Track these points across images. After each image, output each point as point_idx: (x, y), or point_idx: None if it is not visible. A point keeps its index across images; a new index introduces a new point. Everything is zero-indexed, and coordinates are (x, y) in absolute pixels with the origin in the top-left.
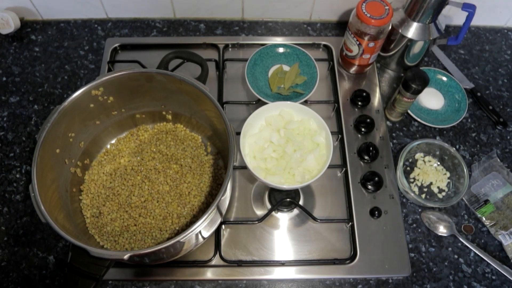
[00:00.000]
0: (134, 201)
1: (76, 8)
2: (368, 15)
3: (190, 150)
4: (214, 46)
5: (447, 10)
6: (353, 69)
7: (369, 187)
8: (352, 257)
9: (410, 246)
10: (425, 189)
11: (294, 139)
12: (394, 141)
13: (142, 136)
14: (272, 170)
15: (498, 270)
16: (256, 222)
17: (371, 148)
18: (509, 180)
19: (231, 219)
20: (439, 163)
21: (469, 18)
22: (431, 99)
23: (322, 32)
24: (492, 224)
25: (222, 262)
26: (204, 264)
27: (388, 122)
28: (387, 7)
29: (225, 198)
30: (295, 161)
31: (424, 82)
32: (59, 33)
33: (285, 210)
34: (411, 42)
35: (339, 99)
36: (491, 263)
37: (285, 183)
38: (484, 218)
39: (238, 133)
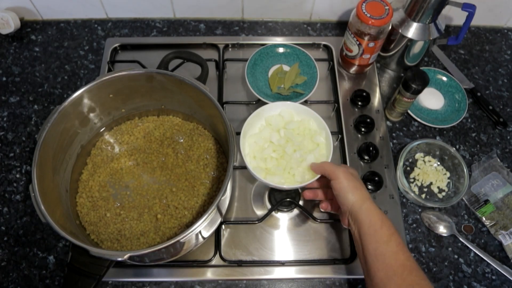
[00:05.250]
0: (134, 201)
1: (76, 8)
2: (368, 15)
3: (191, 149)
4: (214, 46)
5: (447, 10)
6: (353, 69)
7: (369, 187)
8: (352, 257)
9: (410, 246)
10: (425, 189)
11: (294, 139)
12: (394, 141)
13: (139, 135)
14: (272, 170)
15: (498, 270)
16: (256, 222)
17: (371, 148)
18: (509, 180)
19: (231, 219)
20: (439, 163)
21: (469, 18)
22: (431, 99)
23: (322, 32)
24: (492, 224)
25: (222, 262)
26: (204, 264)
27: (388, 122)
28: (387, 7)
29: (225, 198)
30: (295, 161)
31: (424, 82)
32: (59, 33)
33: (285, 210)
34: (411, 42)
35: (339, 99)
36: (491, 263)
37: (285, 183)
38: (484, 218)
39: (238, 133)
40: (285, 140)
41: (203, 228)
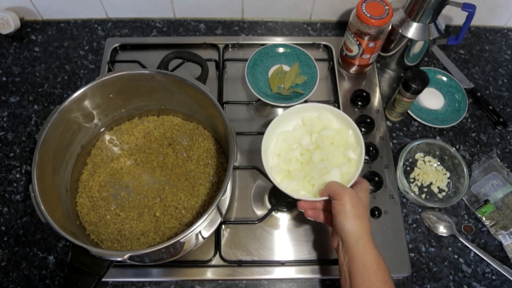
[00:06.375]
0: (134, 201)
1: (76, 8)
2: (368, 15)
3: (191, 149)
4: (214, 46)
5: (447, 10)
6: (353, 69)
7: (369, 187)
8: None
9: (410, 246)
10: (425, 189)
11: (324, 148)
12: (394, 141)
13: (139, 135)
14: (293, 174)
15: (498, 270)
16: (256, 222)
17: (371, 148)
18: (509, 180)
19: (231, 219)
20: (439, 163)
21: (469, 18)
22: (431, 99)
23: (322, 32)
24: (492, 224)
25: (222, 262)
26: (204, 264)
27: (388, 122)
28: (387, 7)
29: (225, 198)
30: (319, 171)
31: (424, 82)
32: (59, 33)
33: (285, 210)
34: (411, 42)
35: (339, 99)
36: (491, 263)
37: (301, 191)
38: (484, 218)
39: (238, 133)
40: (314, 145)
41: (203, 228)
